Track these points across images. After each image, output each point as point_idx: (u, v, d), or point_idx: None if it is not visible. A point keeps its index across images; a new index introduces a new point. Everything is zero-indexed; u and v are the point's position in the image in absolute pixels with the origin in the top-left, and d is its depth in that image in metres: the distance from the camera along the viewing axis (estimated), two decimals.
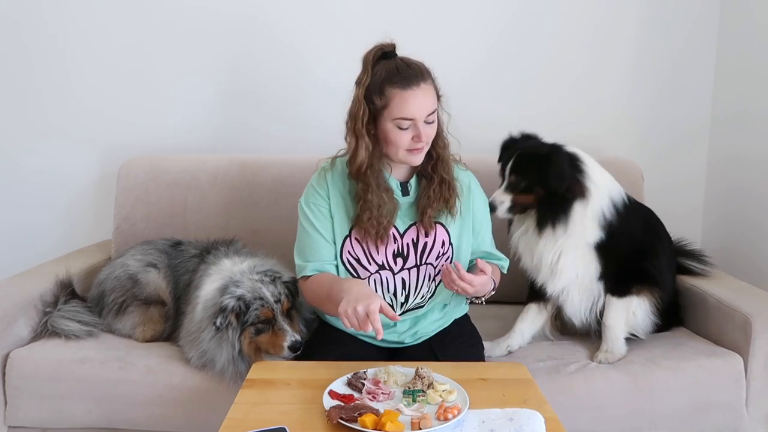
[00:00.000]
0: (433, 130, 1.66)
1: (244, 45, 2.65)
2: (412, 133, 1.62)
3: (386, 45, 1.66)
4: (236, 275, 1.81)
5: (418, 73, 1.62)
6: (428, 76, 1.64)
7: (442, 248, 1.75)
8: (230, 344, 1.74)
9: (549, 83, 2.67)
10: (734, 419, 1.87)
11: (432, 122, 1.65)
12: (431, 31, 2.59)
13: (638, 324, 1.97)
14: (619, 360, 1.91)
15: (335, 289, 1.57)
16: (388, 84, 1.61)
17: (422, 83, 1.61)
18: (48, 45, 2.66)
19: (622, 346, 1.94)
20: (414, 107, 1.59)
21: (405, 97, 1.59)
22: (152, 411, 1.85)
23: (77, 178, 2.74)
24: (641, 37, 2.65)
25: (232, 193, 2.44)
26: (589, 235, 1.90)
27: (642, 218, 2.04)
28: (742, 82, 2.53)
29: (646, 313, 1.97)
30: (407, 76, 1.60)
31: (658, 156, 2.70)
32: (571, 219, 1.87)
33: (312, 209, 1.74)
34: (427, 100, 1.61)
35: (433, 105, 1.63)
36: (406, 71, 1.61)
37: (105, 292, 2.10)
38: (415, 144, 1.63)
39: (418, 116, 1.60)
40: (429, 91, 1.62)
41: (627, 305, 1.95)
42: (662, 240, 2.06)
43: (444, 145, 1.73)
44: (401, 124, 1.61)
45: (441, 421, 1.28)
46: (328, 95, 2.51)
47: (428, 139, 1.65)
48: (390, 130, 1.62)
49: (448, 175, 1.72)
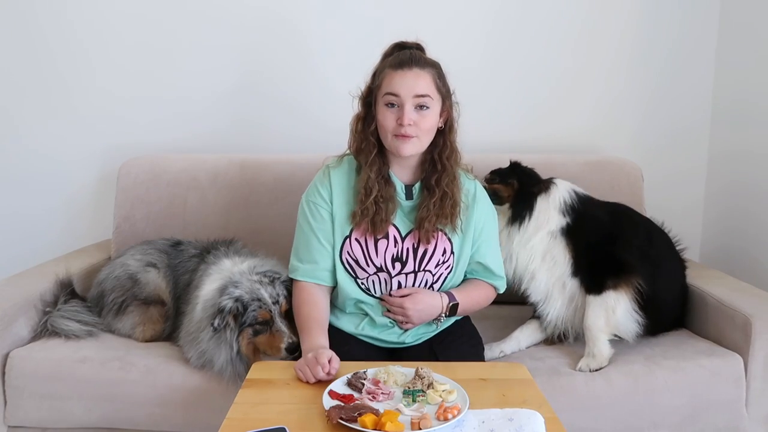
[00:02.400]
0: (426, 120, 1.63)
1: (244, 44, 2.65)
2: (398, 114, 1.62)
3: (409, 42, 1.71)
4: (235, 276, 1.81)
5: (416, 59, 1.64)
6: (426, 65, 1.64)
7: (443, 256, 1.74)
8: (228, 345, 1.74)
9: (547, 81, 2.66)
10: (734, 419, 1.87)
11: (426, 110, 1.63)
12: (434, 28, 2.57)
13: (619, 321, 1.92)
14: (602, 368, 1.85)
15: (302, 337, 1.66)
16: (386, 66, 1.66)
17: (416, 67, 1.62)
18: (48, 46, 2.66)
19: (605, 349, 1.88)
20: (400, 84, 1.61)
21: (393, 74, 1.63)
22: (152, 411, 1.85)
23: (77, 177, 2.74)
24: (641, 34, 2.65)
25: (232, 193, 2.44)
26: (553, 222, 1.99)
27: (610, 207, 2.10)
28: (742, 78, 2.52)
29: (627, 309, 1.92)
30: (403, 59, 1.64)
31: (658, 153, 2.70)
32: (536, 211, 2.00)
33: (311, 208, 1.74)
34: (418, 82, 1.61)
35: (426, 90, 1.62)
36: (405, 56, 1.65)
37: (105, 292, 2.10)
38: (400, 128, 1.62)
39: (404, 93, 1.61)
40: (422, 75, 1.62)
41: (604, 301, 1.92)
42: (635, 223, 2.08)
43: (453, 158, 1.71)
44: (388, 100, 1.63)
45: (441, 421, 1.28)
46: (330, 94, 2.53)
47: (418, 129, 1.63)
48: (380, 110, 1.65)
49: (453, 192, 1.70)
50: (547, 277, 2.00)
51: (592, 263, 1.96)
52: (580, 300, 1.98)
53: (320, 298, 1.74)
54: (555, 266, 1.99)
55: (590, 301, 1.94)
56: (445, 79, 1.69)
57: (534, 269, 1.99)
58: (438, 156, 1.70)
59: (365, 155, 1.69)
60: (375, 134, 1.69)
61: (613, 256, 1.96)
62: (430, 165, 1.71)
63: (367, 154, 1.69)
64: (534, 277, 2.00)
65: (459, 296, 1.75)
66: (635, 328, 1.94)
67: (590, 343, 1.91)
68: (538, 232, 1.99)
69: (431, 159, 1.71)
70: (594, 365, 1.86)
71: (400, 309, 1.70)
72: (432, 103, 1.64)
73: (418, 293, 1.72)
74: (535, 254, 1.99)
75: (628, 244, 1.99)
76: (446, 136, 1.71)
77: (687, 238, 2.31)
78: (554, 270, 1.99)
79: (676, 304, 2.12)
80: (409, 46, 1.71)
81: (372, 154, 1.69)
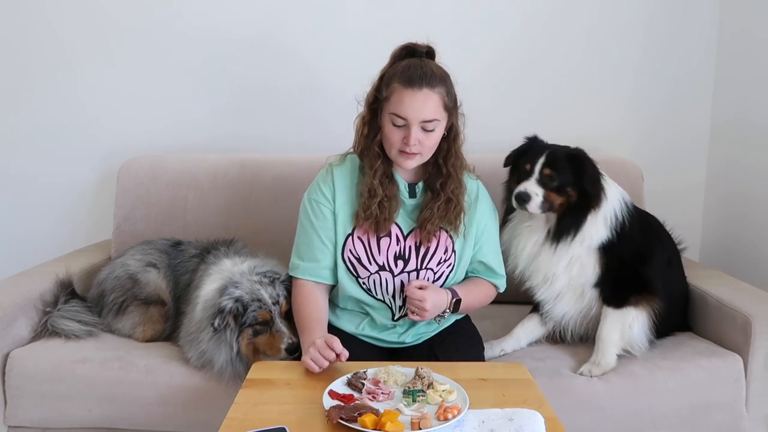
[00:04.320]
0: (431, 140, 1.63)
1: (244, 44, 2.64)
2: (404, 133, 1.61)
3: (420, 45, 1.66)
4: (235, 276, 1.81)
5: (427, 77, 1.59)
6: (437, 84, 1.60)
7: (445, 254, 1.74)
8: (228, 345, 1.74)
9: (552, 87, 2.66)
10: (734, 419, 1.87)
11: (431, 131, 1.61)
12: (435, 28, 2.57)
13: (634, 339, 1.90)
14: (604, 374, 1.84)
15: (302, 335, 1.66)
16: (395, 78, 1.61)
17: (425, 88, 1.58)
18: (49, 44, 2.66)
19: (611, 361, 1.86)
20: (409, 107, 1.58)
21: (403, 94, 1.59)
22: (152, 411, 1.85)
23: (77, 177, 2.73)
24: (644, 46, 2.64)
25: (232, 193, 2.44)
26: (596, 237, 1.87)
27: (642, 220, 2.01)
28: (741, 89, 2.52)
29: (643, 327, 1.91)
30: (413, 76, 1.59)
31: (658, 152, 2.70)
32: (584, 227, 1.86)
33: (313, 207, 1.74)
34: (427, 105, 1.59)
35: (434, 114, 1.60)
36: (416, 71, 1.60)
37: (105, 292, 2.10)
38: (405, 146, 1.62)
39: (411, 117, 1.59)
40: (432, 97, 1.59)
41: (623, 317, 1.89)
42: (662, 243, 2.03)
43: (458, 165, 1.70)
44: (395, 120, 1.61)
45: (441, 421, 1.28)
46: (331, 95, 2.53)
47: (422, 147, 1.62)
48: (386, 124, 1.64)
49: (458, 199, 1.70)
50: (567, 282, 1.93)
51: (617, 278, 1.90)
52: (594, 308, 1.95)
53: (320, 296, 1.74)
54: (580, 275, 1.91)
55: (608, 314, 1.90)
56: (453, 93, 1.66)
57: (554, 274, 1.91)
58: (443, 161, 1.69)
59: (369, 163, 1.68)
60: (379, 144, 1.67)
61: (639, 274, 1.92)
62: (433, 167, 1.71)
63: (371, 162, 1.68)
64: (551, 281, 1.92)
65: (461, 293, 1.75)
66: (647, 346, 1.93)
67: (599, 353, 1.88)
68: (577, 247, 1.88)
69: (435, 162, 1.71)
70: (597, 372, 1.85)
71: (418, 302, 1.65)
72: (438, 124, 1.63)
73: (432, 287, 1.70)
74: (561, 261, 1.90)
75: (653, 264, 1.94)
76: (450, 142, 1.69)
77: (687, 238, 2.31)
78: (578, 278, 1.92)
79: (681, 311, 2.11)
80: (419, 51, 1.65)
81: (377, 162, 1.67)
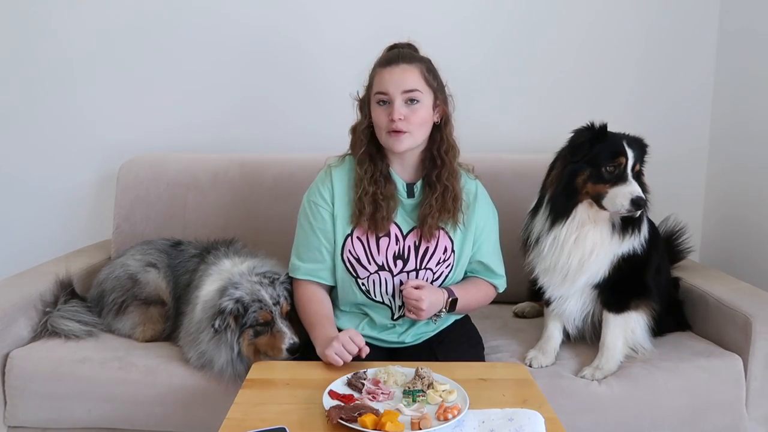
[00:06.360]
0: (417, 114, 1.65)
1: (244, 44, 2.65)
2: (389, 110, 1.64)
3: (400, 43, 1.75)
4: (235, 276, 1.81)
5: (402, 55, 1.67)
6: (413, 60, 1.67)
7: (444, 254, 1.75)
8: (229, 346, 1.74)
9: (552, 87, 2.66)
10: (734, 420, 1.87)
11: (416, 105, 1.64)
12: (433, 29, 2.59)
13: (638, 342, 1.91)
14: (605, 377, 1.84)
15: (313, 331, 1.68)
16: (376, 66, 1.70)
17: (402, 63, 1.65)
18: (49, 44, 2.66)
19: (614, 366, 1.86)
20: (389, 81, 1.64)
21: (382, 73, 1.66)
22: (152, 411, 1.85)
23: (77, 177, 2.73)
24: (645, 46, 2.64)
25: (232, 192, 2.44)
26: (643, 233, 1.86)
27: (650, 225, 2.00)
28: (741, 90, 2.52)
29: (644, 330, 1.92)
30: (390, 57, 1.68)
31: (658, 153, 2.68)
32: (642, 224, 1.87)
33: (312, 208, 1.75)
34: (405, 76, 1.64)
35: (414, 84, 1.64)
36: (393, 54, 1.69)
37: (105, 292, 2.10)
38: (392, 124, 1.63)
39: (392, 91, 1.63)
40: (410, 70, 1.65)
41: (625, 322, 1.89)
42: (658, 252, 2.02)
43: (451, 153, 1.72)
44: (379, 98, 1.66)
45: (441, 421, 1.28)
46: (331, 95, 2.52)
47: (409, 124, 1.64)
48: (374, 110, 1.68)
49: (453, 185, 1.71)
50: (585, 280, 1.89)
51: (618, 282, 1.89)
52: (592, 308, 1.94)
53: (323, 295, 1.77)
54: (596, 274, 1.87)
55: (610, 320, 1.89)
56: (436, 73, 1.71)
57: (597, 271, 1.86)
58: (437, 152, 1.71)
59: (357, 152, 1.72)
60: (367, 133, 1.71)
61: (641, 280, 1.91)
62: (430, 162, 1.72)
63: (359, 151, 1.72)
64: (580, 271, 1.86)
65: (458, 292, 1.75)
66: (650, 347, 1.94)
67: (603, 358, 1.88)
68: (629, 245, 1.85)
69: (431, 156, 1.72)
70: (599, 376, 1.84)
71: (415, 302, 1.66)
72: (422, 96, 1.65)
73: (428, 286, 1.71)
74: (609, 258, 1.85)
75: (651, 270, 1.94)
76: (443, 130, 1.72)
77: (687, 238, 2.31)
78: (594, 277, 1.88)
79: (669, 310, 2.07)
80: (400, 46, 1.74)
81: (362, 150, 1.71)
